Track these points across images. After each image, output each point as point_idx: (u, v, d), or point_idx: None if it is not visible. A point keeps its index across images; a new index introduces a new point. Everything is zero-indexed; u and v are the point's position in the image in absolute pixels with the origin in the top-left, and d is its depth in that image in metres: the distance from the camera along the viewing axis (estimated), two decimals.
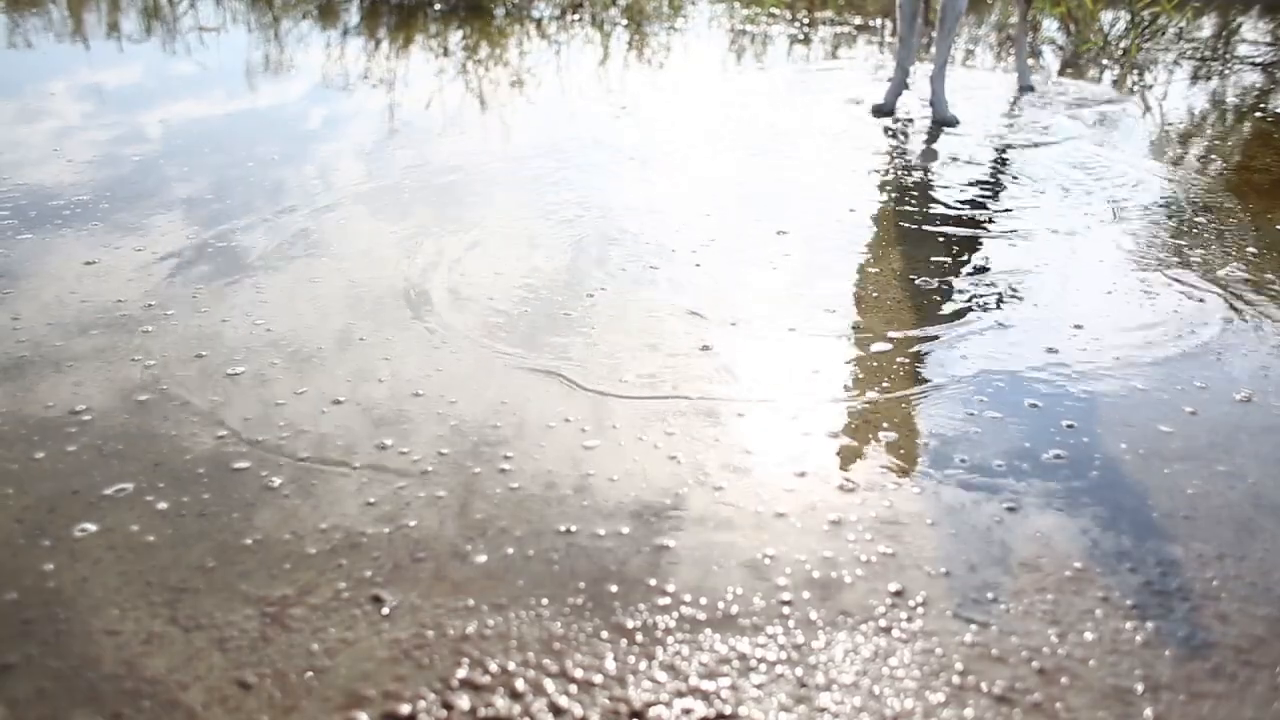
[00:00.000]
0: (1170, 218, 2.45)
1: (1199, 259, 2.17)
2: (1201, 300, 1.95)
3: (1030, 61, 4.40)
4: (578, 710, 0.97)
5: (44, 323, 1.69)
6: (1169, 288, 2.01)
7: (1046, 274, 2.08)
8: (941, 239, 2.26)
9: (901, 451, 1.41)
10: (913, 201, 2.52)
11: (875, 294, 1.95)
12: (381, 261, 2.01)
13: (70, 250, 1.99)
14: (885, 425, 1.47)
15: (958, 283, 2.01)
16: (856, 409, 1.51)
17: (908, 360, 1.68)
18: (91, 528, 1.19)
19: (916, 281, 2.01)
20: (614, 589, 1.12)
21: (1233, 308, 1.92)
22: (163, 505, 1.24)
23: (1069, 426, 1.48)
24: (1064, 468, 1.38)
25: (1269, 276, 2.08)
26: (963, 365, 1.66)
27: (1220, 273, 2.08)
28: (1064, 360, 1.69)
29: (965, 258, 2.15)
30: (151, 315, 1.74)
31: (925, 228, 2.33)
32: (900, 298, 1.93)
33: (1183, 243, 2.27)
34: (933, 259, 2.14)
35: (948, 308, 1.89)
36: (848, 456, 1.39)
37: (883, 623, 1.09)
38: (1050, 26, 5.28)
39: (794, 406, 1.52)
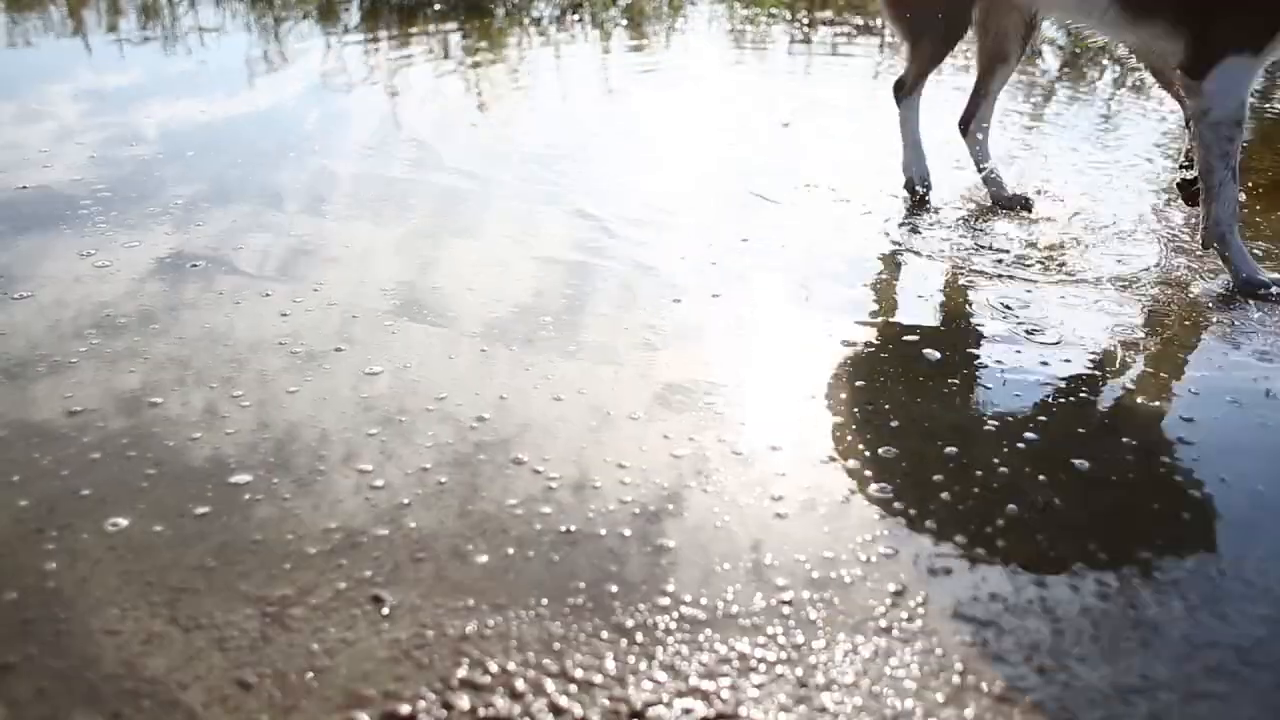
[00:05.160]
0: None
1: None
2: None
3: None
4: (578, 710, 0.97)
5: (41, 325, 1.69)
6: None
7: None
8: None
9: None
10: None
11: None
12: (379, 262, 2.02)
13: (69, 251, 1.99)
14: None
15: None
16: None
17: None
18: (92, 527, 1.19)
19: None
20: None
21: None
22: (163, 505, 1.24)
23: None
24: None
25: None
26: None
27: None
28: None
29: None
30: (143, 319, 1.74)
31: None
32: None
33: None
34: None
35: None
36: None
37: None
38: (1050, 26, 5.27)
39: None
